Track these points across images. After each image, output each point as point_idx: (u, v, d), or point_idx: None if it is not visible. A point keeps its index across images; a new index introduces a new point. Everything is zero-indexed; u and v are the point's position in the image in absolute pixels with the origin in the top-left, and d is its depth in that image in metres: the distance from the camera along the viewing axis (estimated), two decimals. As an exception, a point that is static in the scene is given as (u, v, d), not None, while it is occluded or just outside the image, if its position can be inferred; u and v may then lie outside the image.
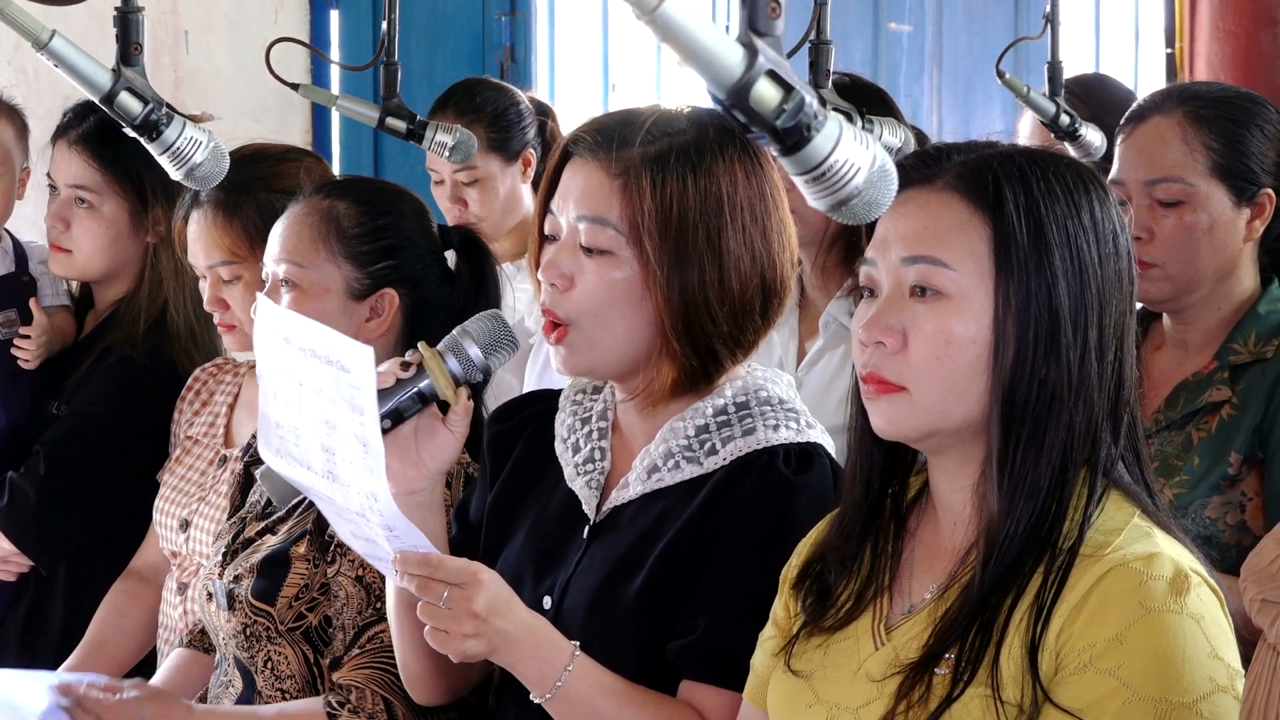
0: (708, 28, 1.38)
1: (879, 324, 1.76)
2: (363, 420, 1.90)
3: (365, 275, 2.54)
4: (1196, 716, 1.62)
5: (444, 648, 1.96)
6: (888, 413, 1.77)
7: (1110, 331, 1.75)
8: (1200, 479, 2.62)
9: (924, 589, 1.80)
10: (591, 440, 2.19)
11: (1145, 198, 2.69)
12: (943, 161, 1.79)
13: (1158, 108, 2.73)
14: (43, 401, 3.33)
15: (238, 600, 2.50)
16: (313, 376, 1.95)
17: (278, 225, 2.58)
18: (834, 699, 1.80)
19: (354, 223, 2.54)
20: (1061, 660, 1.66)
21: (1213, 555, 1.52)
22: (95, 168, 3.24)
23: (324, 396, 1.94)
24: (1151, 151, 2.70)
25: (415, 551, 1.95)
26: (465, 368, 2.05)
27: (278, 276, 2.53)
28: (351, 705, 2.36)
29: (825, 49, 2.96)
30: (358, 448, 1.91)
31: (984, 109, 6.17)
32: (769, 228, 2.09)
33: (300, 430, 1.99)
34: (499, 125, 3.90)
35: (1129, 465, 1.78)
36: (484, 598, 1.93)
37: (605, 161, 2.07)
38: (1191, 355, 2.73)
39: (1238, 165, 2.66)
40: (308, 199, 2.57)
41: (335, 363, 1.91)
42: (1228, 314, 2.71)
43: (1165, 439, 2.67)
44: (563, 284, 2.07)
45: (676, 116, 2.10)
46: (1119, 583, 1.66)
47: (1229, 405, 2.64)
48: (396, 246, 2.56)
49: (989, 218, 1.74)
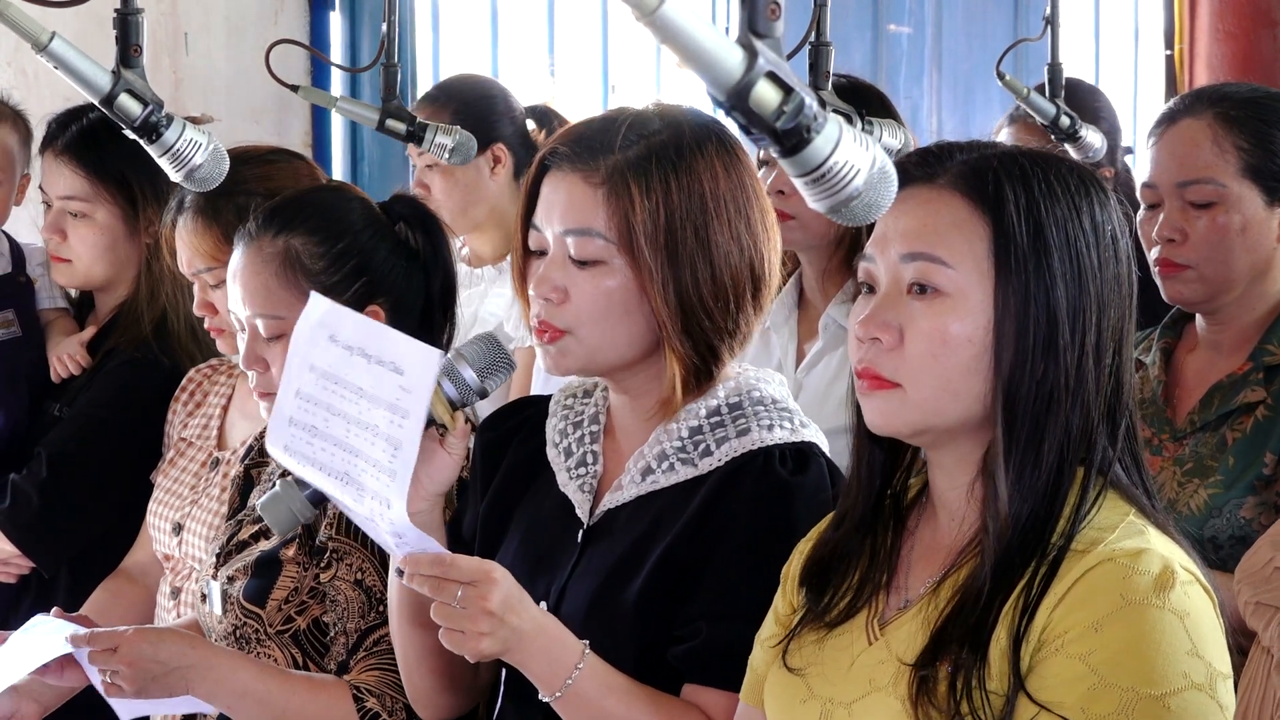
0: (707, 29, 1.38)
1: (876, 320, 1.76)
2: (404, 423, 1.90)
3: (344, 303, 2.52)
4: (1164, 710, 1.61)
5: (459, 648, 1.95)
6: (881, 408, 1.77)
7: (1108, 335, 1.76)
8: (1235, 480, 2.61)
9: (919, 585, 1.81)
10: (584, 444, 2.18)
11: (1178, 200, 2.69)
12: (944, 160, 1.79)
13: (1188, 110, 2.73)
14: (44, 403, 3.33)
15: (230, 601, 2.50)
16: (354, 375, 1.95)
17: (235, 269, 2.52)
18: (828, 694, 1.81)
19: (314, 256, 2.50)
20: (1040, 648, 1.67)
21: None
22: (83, 176, 3.24)
23: (362, 397, 1.94)
24: (1183, 154, 2.70)
25: (426, 553, 1.95)
26: (461, 391, 2.04)
27: (258, 329, 2.49)
28: (376, 693, 2.36)
29: (825, 50, 2.96)
30: (387, 451, 1.91)
31: (983, 110, 6.18)
32: (752, 218, 2.10)
33: (319, 429, 1.99)
34: (465, 114, 3.85)
35: (1126, 467, 1.79)
36: (498, 595, 1.93)
37: (586, 171, 2.06)
38: (1225, 356, 2.72)
39: (1269, 165, 2.66)
40: (257, 238, 2.51)
41: (389, 363, 1.92)
42: (1262, 315, 2.71)
43: (1200, 440, 2.67)
44: (557, 297, 2.07)
45: (650, 118, 2.10)
46: (1104, 574, 1.67)
47: (1263, 406, 2.64)
48: (363, 264, 2.53)
49: (989, 217, 1.74)
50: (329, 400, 1.98)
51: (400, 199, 2.63)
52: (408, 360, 1.91)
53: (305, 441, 2.01)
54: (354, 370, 1.95)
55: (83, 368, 3.29)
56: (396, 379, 1.91)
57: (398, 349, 1.93)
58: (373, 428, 1.93)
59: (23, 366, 3.34)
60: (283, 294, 2.48)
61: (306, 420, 2.01)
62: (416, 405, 1.90)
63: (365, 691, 2.36)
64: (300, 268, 2.49)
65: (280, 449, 2.06)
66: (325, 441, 1.99)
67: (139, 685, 2.33)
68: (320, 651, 2.46)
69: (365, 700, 2.35)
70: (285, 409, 2.05)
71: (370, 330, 1.99)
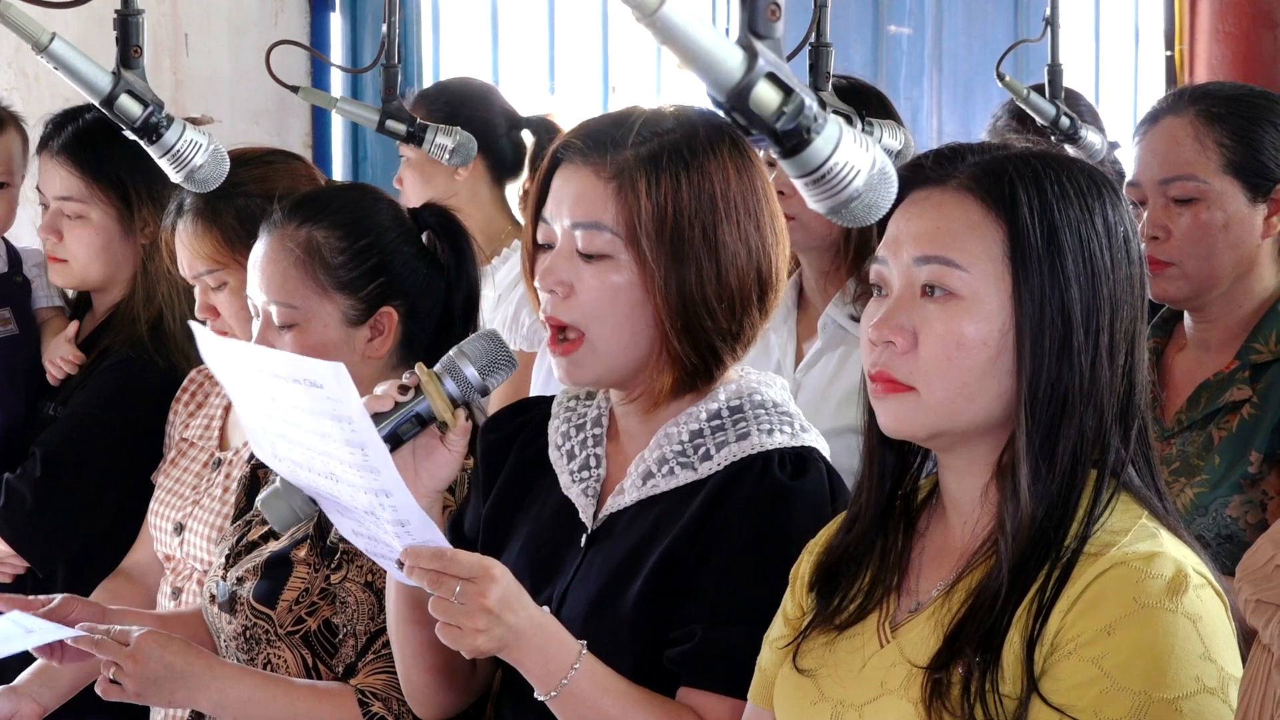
0: (708, 30, 1.38)
1: (889, 323, 1.75)
2: (354, 427, 1.87)
3: (359, 301, 2.51)
4: (1177, 714, 1.61)
5: (456, 644, 1.95)
6: (895, 412, 1.77)
7: (1121, 335, 1.75)
8: (1221, 478, 2.61)
9: (930, 587, 1.81)
10: (586, 447, 2.18)
11: (1160, 197, 2.69)
12: (957, 162, 1.79)
13: (1170, 108, 2.74)
14: (40, 403, 3.33)
15: (239, 602, 2.50)
16: (285, 394, 1.92)
17: (257, 256, 2.53)
18: (838, 696, 1.81)
19: (336, 250, 2.50)
20: (1053, 651, 1.67)
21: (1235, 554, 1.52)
22: (77, 176, 3.24)
23: (303, 411, 1.91)
24: (1164, 151, 2.71)
25: (426, 546, 1.94)
26: (462, 389, 2.04)
27: (271, 316, 2.50)
28: (382, 696, 2.35)
29: (825, 51, 2.96)
30: (355, 453, 1.89)
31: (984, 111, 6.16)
32: (762, 221, 2.09)
33: (289, 437, 1.98)
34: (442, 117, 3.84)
35: (1139, 469, 1.78)
36: (496, 592, 1.92)
37: (597, 166, 2.06)
38: (1213, 355, 2.72)
39: (1252, 161, 2.66)
40: (281, 227, 2.52)
41: (304, 381, 1.88)
42: (1248, 312, 2.70)
43: (1187, 439, 2.67)
44: (563, 290, 2.07)
45: (664, 116, 2.10)
46: (1117, 578, 1.66)
47: (1249, 405, 2.64)
48: (384, 264, 2.53)
49: (1003, 219, 1.74)
50: (280, 414, 1.96)
51: (430, 207, 2.64)
52: (317, 376, 1.87)
53: (284, 448, 2.00)
54: (282, 390, 1.92)
55: (77, 366, 3.29)
56: (320, 392, 1.87)
57: (303, 368, 1.89)
58: (331, 435, 1.90)
59: (20, 365, 3.34)
60: (299, 283, 2.49)
61: (275, 430, 1.99)
62: (351, 409, 1.86)
63: (371, 696, 2.36)
64: (320, 259, 2.50)
65: (268, 456, 2.06)
66: (299, 447, 1.97)
67: (140, 686, 2.32)
68: (330, 653, 2.45)
69: (371, 705, 2.35)
70: (252, 424, 2.04)
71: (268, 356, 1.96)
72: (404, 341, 2.55)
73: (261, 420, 2.01)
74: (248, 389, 2.00)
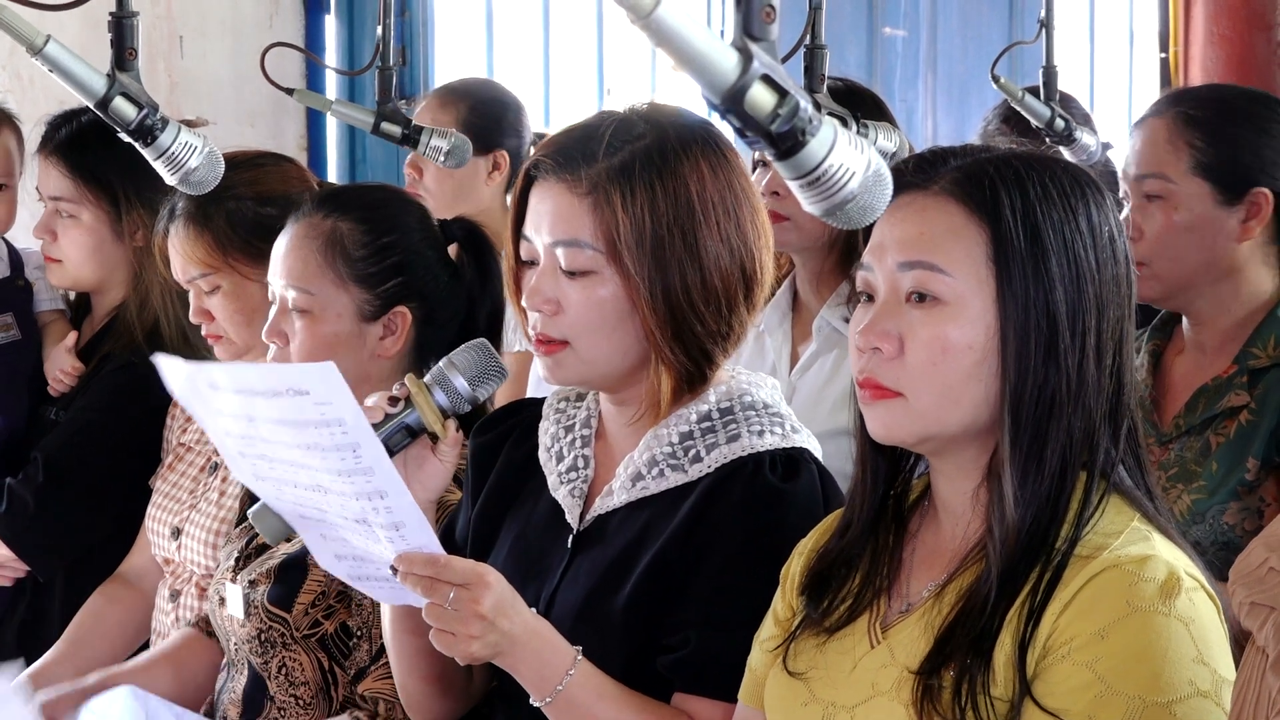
0: (702, 32, 1.38)
1: (875, 329, 1.76)
2: (345, 429, 1.84)
3: (375, 296, 2.52)
4: (1171, 717, 1.61)
5: (450, 650, 1.95)
6: (884, 418, 1.77)
7: (1108, 336, 1.75)
8: (1219, 485, 2.61)
9: (921, 588, 1.81)
10: (575, 448, 2.17)
11: (1137, 196, 2.71)
12: (939, 166, 1.79)
13: (1156, 111, 2.75)
14: (41, 407, 3.33)
15: (253, 605, 2.48)
16: (263, 412, 1.89)
17: (281, 244, 2.54)
18: (830, 697, 1.81)
19: (359, 244, 2.51)
20: (1046, 654, 1.67)
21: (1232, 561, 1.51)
22: (70, 178, 3.25)
23: (285, 425, 1.88)
24: (1140, 150, 2.72)
25: (420, 552, 1.93)
26: (452, 400, 2.03)
27: (287, 302, 2.51)
28: (381, 717, 2.35)
29: (820, 54, 2.96)
30: (346, 458, 1.86)
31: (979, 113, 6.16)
32: (742, 219, 2.08)
33: (269, 456, 1.95)
34: (478, 113, 3.85)
35: (1129, 469, 1.78)
36: (490, 599, 1.92)
37: (571, 181, 2.05)
38: (1210, 358, 2.72)
39: (1225, 163, 2.66)
40: (308, 216, 2.53)
41: (288, 391, 1.85)
42: (1243, 317, 2.69)
43: (1184, 444, 2.67)
44: (550, 309, 2.06)
45: (634, 122, 2.08)
46: (1109, 581, 1.66)
47: (1247, 410, 2.63)
48: (404, 263, 2.53)
49: (986, 223, 1.73)
50: (258, 434, 1.93)
51: (460, 221, 2.65)
52: (305, 382, 1.83)
53: (266, 468, 1.97)
54: (260, 408, 1.89)
55: (77, 378, 3.29)
56: (305, 399, 1.83)
57: (288, 376, 1.86)
58: (317, 444, 1.87)
59: (22, 370, 3.34)
60: (319, 271, 2.50)
61: (252, 452, 1.96)
62: (344, 410, 1.83)
63: (369, 706, 2.36)
64: (341, 250, 2.50)
65: (251, 478, 2.03)
66: (284, 464, 1.94)
67: None
68: (346, 655, 2.45)
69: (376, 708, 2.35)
70: (228, 448, 2.01)
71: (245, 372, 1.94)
72: (417, 346, 2.55)
73: (239, 445, 1.98)
74: (222, 414, 1.96)
